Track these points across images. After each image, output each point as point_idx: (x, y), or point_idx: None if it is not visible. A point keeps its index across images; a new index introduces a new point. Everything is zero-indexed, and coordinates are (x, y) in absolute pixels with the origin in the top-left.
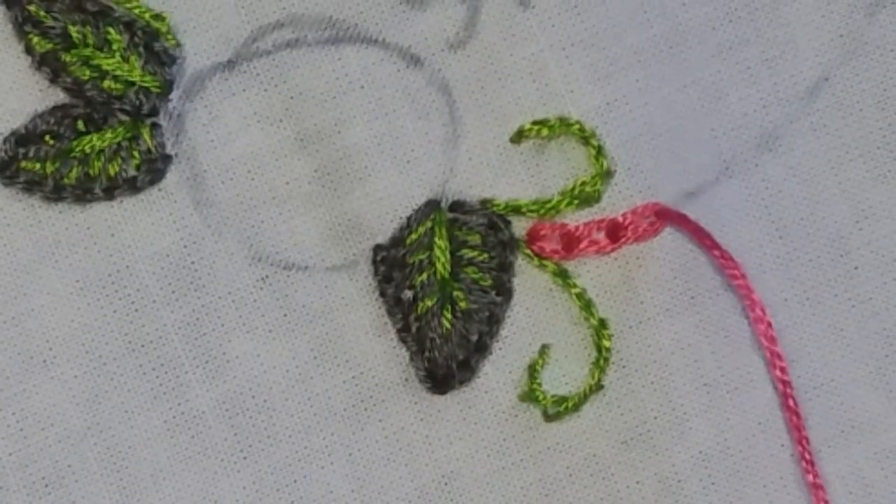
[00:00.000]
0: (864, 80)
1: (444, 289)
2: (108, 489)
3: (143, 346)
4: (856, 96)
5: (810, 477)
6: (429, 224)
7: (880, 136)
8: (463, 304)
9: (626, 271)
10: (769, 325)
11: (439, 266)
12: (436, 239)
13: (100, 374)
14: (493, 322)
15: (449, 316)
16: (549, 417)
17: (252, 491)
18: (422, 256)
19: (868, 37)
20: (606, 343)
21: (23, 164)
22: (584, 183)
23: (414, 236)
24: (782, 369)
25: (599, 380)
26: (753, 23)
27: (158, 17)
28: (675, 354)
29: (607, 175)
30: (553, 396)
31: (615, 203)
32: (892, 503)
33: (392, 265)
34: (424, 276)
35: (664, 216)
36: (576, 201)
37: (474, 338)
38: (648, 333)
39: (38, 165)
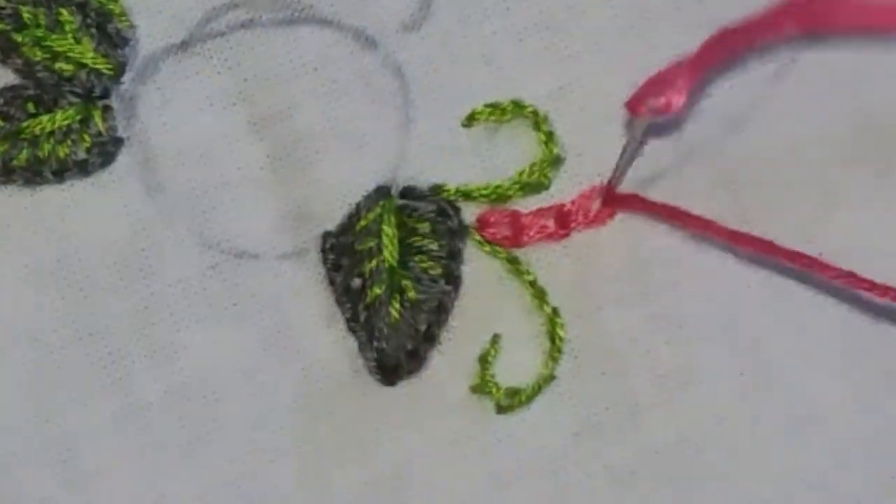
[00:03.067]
0: (832, 63)
1: (393, 277)
2: (53, 478)
3: (90, 334)
4: (823, 79)
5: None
6: (378, 211)
7: (847, 121)
8: (411, 294)
9: (575, 260)
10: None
11: (387, 254)
12: (384, 226)
13: (47, 361)
14: (442, 311)
15: (397, 305)
16: (501, 409)
17: (200, 483)
18: (371, 244)
19: None
20: (560, 332)
21: None
22: (533, 169)
23: (363, 223)
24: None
25: (552, 371)
26: (721, 3)
27: None
28: (626, 345)
29: (557, 161)
30: (506, 388)
31: (566, 189)
32: (851, 494)
33: (341, 253)
34: (373, 263)
35: (611, 200)
36: (525, 188)
37: (423, 327)
38: (599, 324)
39: None
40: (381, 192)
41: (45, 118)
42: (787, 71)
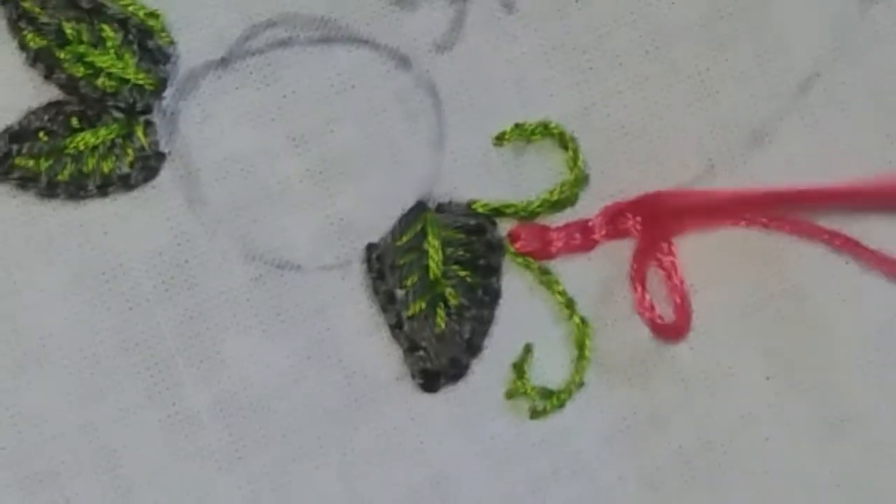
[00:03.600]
0: (856, 76)
1: (436, 288)
2: (101, 487)
3: (136, 344)
4: (847, 92)
5: None
6: (419, 225)
7: (871, 133)
8: (455, 301)
9: (602, 270)
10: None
11: (432, 265)
12: (429, 238)
13: (93, 372)
14: (484, 321)
15: (443, 314)
16: (535, 414)
17: (246, 491)
18: (413, 257)
19: (860, 32)
20: (588, 341)
21: (17, 160)
22: (562, 189)
23: (405, 237)
24: None
25: (581, 377)
26: (744, 20)
27: (152, 14)
28: (650, 351)
29: (583, 180)
30: (540, 391)
31: (591, 204)
32: (882, 497)
33: (385, 264)
34: (416, 275)
35: (627, 209)
36: (554, 206)
37: (466, 336)
38: (624, 331)
39: (31, 162)
40: (421, 206)
41: (88, 133)
42: (811, 84)
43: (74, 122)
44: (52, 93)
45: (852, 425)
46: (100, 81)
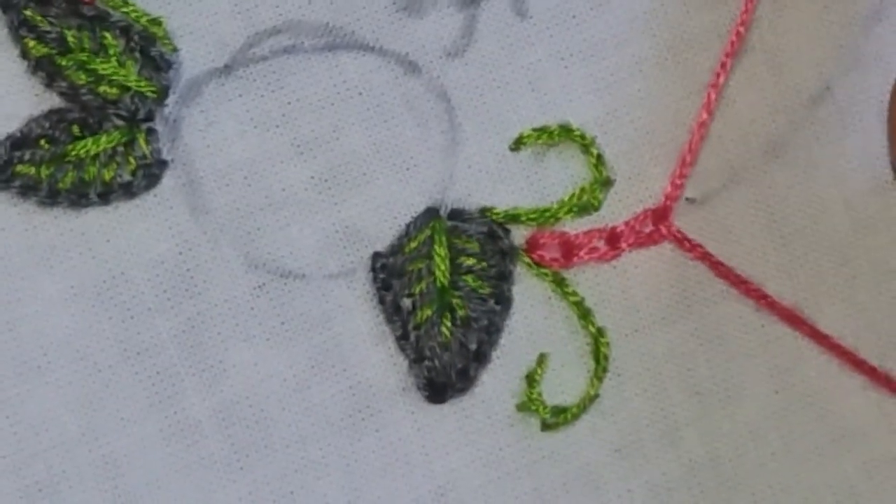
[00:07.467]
0: (864, 91)
1: (444, 297)
2: (102, 496)
3: (138, 353)
4: (856, 106)
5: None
6: (428, 232)
7: (879, 147)
8: (462, 312)
9: (623, 280)
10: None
11: (439, 274)
12: (435, 247)
13: (94, 380)
14: (492, 331)
15: (448, 324)
16: (546, 426)
17: (248, 502)
18: (421, 265)
19: (866, 49)
20: (605, 351)
21: (17, 168)
22: (583, 191)
23: (413, 244)
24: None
25: (597, 390)
26: (757, 30)
27: (155, 21)
28: (668, 363)
29: (606, 183)
30: (552, 406)
31: (616, 211)
32: None
33: (391, 273)
34: (424, 284)
35: (661, 219)
36: (575, 210)
37: (473, 346)
38: (643, 342)
39: (32, 170)
40: (431, 213)
41: (90, 141)
42: (822, 97)
43: (76, 129)
44: (53, 100)
45: (852, 441)
46: (101, 89)
